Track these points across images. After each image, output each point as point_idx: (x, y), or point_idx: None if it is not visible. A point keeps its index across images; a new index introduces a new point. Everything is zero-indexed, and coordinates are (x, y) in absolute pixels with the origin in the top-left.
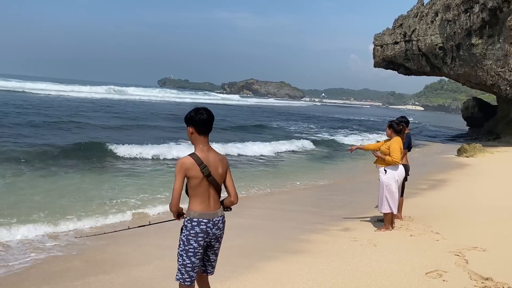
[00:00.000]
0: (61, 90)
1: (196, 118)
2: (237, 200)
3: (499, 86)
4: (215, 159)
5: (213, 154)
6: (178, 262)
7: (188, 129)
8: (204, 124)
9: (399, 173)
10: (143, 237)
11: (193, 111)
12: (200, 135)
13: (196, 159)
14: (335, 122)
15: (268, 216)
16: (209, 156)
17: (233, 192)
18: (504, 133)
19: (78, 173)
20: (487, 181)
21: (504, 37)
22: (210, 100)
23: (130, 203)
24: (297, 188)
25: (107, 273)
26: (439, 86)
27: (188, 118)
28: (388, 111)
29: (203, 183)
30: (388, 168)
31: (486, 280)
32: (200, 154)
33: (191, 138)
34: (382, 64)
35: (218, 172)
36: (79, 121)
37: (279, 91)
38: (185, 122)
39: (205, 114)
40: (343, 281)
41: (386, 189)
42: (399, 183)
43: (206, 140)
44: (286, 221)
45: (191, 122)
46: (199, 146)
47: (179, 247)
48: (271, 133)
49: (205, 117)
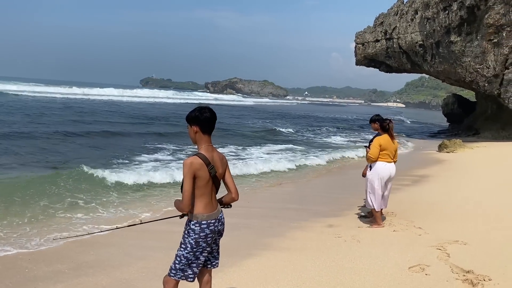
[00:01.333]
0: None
1: (201, 117)
2: (238, 196)
3: (477, 82)
4: (218, 158)
5: (216, 153)
6: (181, 262)
7: (192, 129)
8: (209, 123)
9: (381, 171)
10: (125, 239)
11: (197, 110)
12: (205, 134)
13: (204, 159)
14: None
15: (252, 214)
16: (213, 156)
17: (234, 189)
18: (483, 128)
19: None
20: (468, 176)
21: (481, 35)
22: (198, 99)
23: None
24: (282, 185)
25: (90, 276)
26: (419, 83)
27: (193, 117)
28: (381, 109)
29: (209, 183)
30: (372, 165)
31: (468, 273)
32: (207, 154)
33: (195, 138)
34: (363, 62)
35: (219, 172)
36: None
37: (262, 89)
38: (188, 122)
39: (209, 112)
40: (327, 278)
41: (369, 185)
42: (383, 181)
43: (210, 139)
44: (271, 218)
45: (196, 121)
46: (203, 145)
47: (185, 249)
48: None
49: (210, 116)
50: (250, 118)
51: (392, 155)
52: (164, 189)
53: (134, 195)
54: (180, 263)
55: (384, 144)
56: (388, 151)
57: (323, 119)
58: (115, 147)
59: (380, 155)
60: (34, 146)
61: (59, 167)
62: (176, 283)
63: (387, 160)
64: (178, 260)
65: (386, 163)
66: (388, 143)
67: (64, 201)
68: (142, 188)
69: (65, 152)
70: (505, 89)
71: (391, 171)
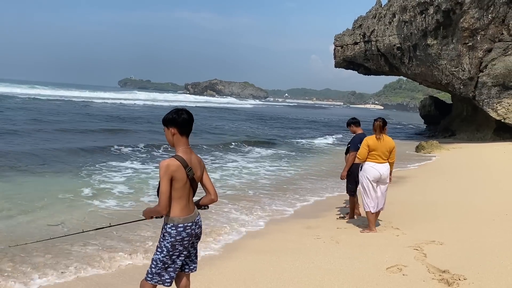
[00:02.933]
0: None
1: (179, 119)
2: (217, 197)
3: (453, 85)
4: (196, 161)
5: (194, 156)
6: (157, 266)
7: (169, 131)
8: (187, 124)
9: (370, 172)
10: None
11: (174, 112)
12: (182, 136)
13: (181, 161)
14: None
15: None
16: (191, 158)
17: (213, 191)
18: (459, 130)
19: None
20: (444, 177)
21: (457, 38)
22: (185, 102)
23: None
24: (259, 185)
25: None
26: (397, 86)
27: (170, 119)
28: (363, 111)
29: (186, 186)
30: (362, 166)
31: (444, 272)
32: (184, 156)
33: (173, 140)
34: (342, 64)
35: (197, 174)
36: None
37: (243, 91)
38: (165, 124)
39: (186, 114)
40: (307, 279)
41: (361, 186)
42: (373, 182)
43: (187, 141)
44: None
45: (174, 123)
46: (181, 147)
47: (161, 253)
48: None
49: (187, 117)
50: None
51: (384, 155)
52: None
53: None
54: (157, 267)
55: (373, 144)
56: (379, 151)
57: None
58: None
59: (369, 156)
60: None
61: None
62: (152, 287)
63: (376, 161)
64: (155, 264)
65: (374, 163)
66: (377, 143)
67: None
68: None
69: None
70: (479, 92)
71: (380, 172)
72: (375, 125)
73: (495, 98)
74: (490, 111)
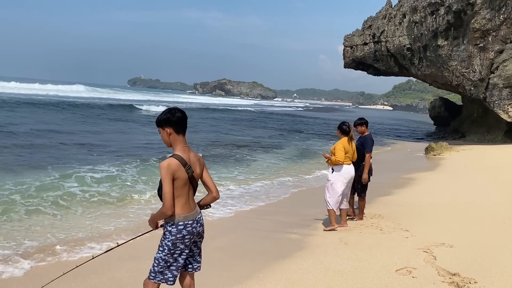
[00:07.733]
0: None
1: (173, 118)
2: (219, 195)
3: (463, 86)
4: (194, 159)
5: (193, 154)
6: (160, 265)
7: (165, 131)
8: (182, 122)
9: (345, 173)
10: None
11: (167, 112)
12: (179, 134)
13: (180, 160)
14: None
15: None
16: (190, 156)
17: (214, 189)
18: (469, 131)
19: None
20: (454, 179)
21: (468, 39)
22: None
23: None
24: (269, 187)
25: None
26: (407, 86)
27: (165, 119)
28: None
29: (186, 184)
30: (335, 168)
31: (454, 275)
32: (183, 154)
33: (170, 140)
34: (352, 65)
35: (197, 172)
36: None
37: (251, 91)
38: (159, 125)
39: (180, 112)
40: (315, 280)
41: (330, 187)
42: (346, 183)
43: (184, 140)
44: (259, 221)
45: (169, 122)
46: (179, 146)
47: (163, 251)
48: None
49: (182, 116)
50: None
51: (352, 156)
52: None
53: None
54: (159, 265)
55: (347, 147)
56: (349, 153)
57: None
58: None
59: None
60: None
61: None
62: (156, 286)
63: (348, 163)
64: (157, 263)
65: (347, 165)
66: (348, 145)
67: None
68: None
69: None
70: (490, 93)
71: (351, 173)
72: (350, 128)
73: (506, 100)
74: (501, 112)
